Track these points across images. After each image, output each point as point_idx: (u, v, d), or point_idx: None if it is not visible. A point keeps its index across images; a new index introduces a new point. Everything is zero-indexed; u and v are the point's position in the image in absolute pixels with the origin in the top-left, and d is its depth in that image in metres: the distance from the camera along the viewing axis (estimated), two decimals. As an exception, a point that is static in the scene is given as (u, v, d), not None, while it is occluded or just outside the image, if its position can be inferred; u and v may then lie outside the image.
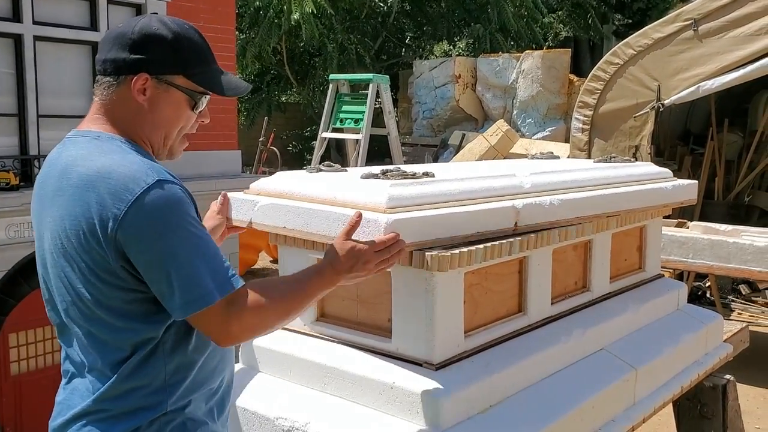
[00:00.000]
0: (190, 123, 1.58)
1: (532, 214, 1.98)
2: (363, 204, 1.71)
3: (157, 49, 1.48)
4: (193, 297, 1.34)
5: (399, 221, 1.63)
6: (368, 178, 1.87)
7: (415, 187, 1.81)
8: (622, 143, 7.21)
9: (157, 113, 1.50)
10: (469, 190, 1.93)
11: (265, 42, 13.62)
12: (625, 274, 2.67)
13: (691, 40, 6.55)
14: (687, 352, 2.64)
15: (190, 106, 1.53)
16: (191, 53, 1.51)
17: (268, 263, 10.09)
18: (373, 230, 1.62)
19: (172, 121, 1.53)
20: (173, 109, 1.52)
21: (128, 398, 1.41)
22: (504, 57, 12.40)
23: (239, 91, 1.60)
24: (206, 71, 1.54)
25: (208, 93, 1.56)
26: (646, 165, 2.81)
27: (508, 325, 2.02)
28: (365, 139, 6.27)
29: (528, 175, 2.16)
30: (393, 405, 1.77)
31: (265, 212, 1.90)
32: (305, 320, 2.07)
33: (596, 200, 2.26)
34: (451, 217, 1.78)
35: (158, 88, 1.49)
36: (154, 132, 1.53)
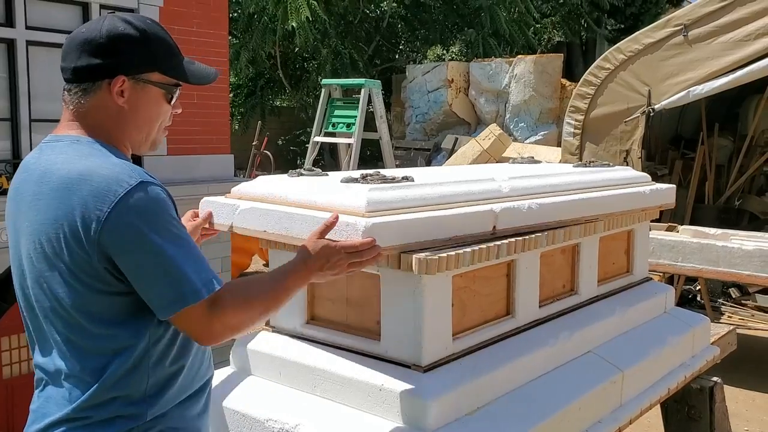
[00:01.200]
0: (168, 116, 1.59)
1: (510, 217, 2.02)
2: (343, 208, 1.73)
3: (129, 50, 1.47)
4: (177, 295, 1.35)
5: (378, 225, 1.66)
6: (348, 182, 1.89)
7: (394, 191, 1.85)
8: (613, 147, 7.26)
9: (138, 113, 1.51)
10: (448, 194, 1.97)
11: (260, 47, 13.66)
12: (612, 278, 2.69)
13: (682, 46, 6.61)
14: (674, 355, 2.67)
15: (166, 99, 1.55)
16: (161, 48, 1.52)
17: (261, 266, 10.10)
18: (352, 234, 1.65)
19: (153, 118, 1.54)
20: (153, 106, 1.53)
21: (109, 407, 1.40)
22: (497, 61, 12.46)
23: (209, 79, 1.62)
24: (176, 63, 1.56)
25: (181, 84, 1.57)
26: (624, 170, 2.85)
27: (496, 328, 2.05)
28: (357, 143, 6.30)
29: (507, 180, 2.20)
30: (381, 407, 1.79)
31: (245, 216, 1.92)
32: (295, 323, 2.08)
33: (575, 204, 2.29)
34: (430, 221, 1.81)
35: (136, 88, 1.49)
36: (138, 131, 1.53)
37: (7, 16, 4.82)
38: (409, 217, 1.76)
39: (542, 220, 2.13)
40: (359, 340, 1.94)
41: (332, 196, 1.80)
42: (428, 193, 1.91)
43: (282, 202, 1.89)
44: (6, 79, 4.86)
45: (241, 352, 2.12)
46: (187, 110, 5.57)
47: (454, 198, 1.95)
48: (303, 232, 1.75)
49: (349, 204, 1.74)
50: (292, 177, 2.08)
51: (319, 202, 1.80)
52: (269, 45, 13.83)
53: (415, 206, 1.84)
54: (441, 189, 1.96)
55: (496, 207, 1.99)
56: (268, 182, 2.03)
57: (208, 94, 5.76)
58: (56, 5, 5.07)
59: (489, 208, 1.97)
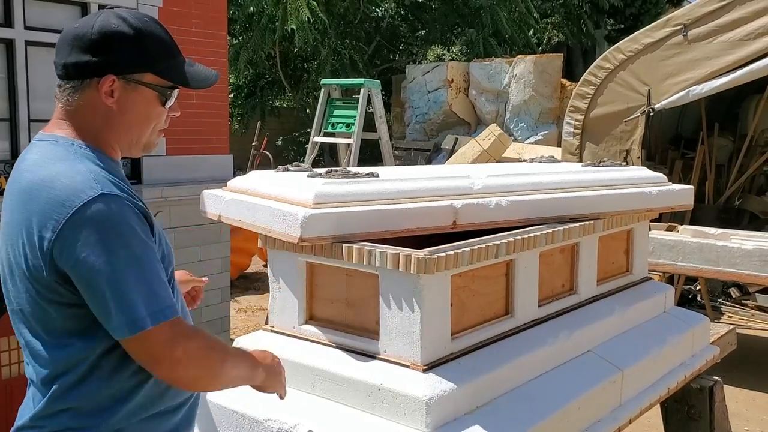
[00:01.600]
0: (162, 118, 1.51)
1: (473, 213, 2.08)
2: (294, 199, 1.90)
3: (121, 48, 1.40)
4: (122, 321, 1.26)
5: (315, 215, 1.81)
6: (313, 177, 2.05)
7: (348, 185, 1.96)
8: (613, 147, 7.25)
9: (127, 114, 1.44)
10: (407, 190, 2.04)
11: (259, 47, 13.65)
12: (612, 277, 2.69)
13: (681, 45, 6.60)
14: (673, 354, 2.66)
15: (160, 102, 1.47)
16: (156, 48, 1.45)
17: (261, 267, 10.09)
18: (292, 223, 1.82)
19: (144, 120, 1.47)
20: (144, 108, 1.46)
21: (59, 418, 1.35)
22: (497, 61, 12.46)
23: (209, 82, 1.54)
24: (173, 64, 1.48)
25: (177, 87, 1.50)
26: (637, 169, 2.84)
27: (495, 328, 2.04)
28: (356, 143, 6.30)
29: (484, 177, 2.21)
30: (381, 406, 1.78)
31: (228, 206, 2.12)
32: (294, 322, 2.08)
33: (556, 202, 2.31)
34: (377, 214, 1.90)
35: (126, 89, 1.42)
36: (127, 133, 1.46)
37: (5, 16, 4.83)
38: (351, 210, 1.88)
39: (514, 217, 2.18)
40: (358, 340, 1.94)
41: (291, 189, 1.96)
42: (385, 188, 2.01)
43: (254, 194, 2.08)
44: (5, 79, 4.86)
45: (240, 352, 2.11)
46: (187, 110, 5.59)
47: (412, 193, 2.04)
48: (264, 221, 1.95)
49: (300, 196, 1.90)
50: (278, 172, 2.22)
51: (279, 195, 1.97)
52: (269, 45, 13.83)
53: (367, 200, 1.94)
54: (400, 185, 2.06)
55: (458, 203, 2.06)
56: (253, 176, 2.22)
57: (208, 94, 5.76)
58: (55, 5, 5.07)
59: (449, 203, 2.05)
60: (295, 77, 16.14)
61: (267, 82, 16.51)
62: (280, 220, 1.91)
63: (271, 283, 2.15)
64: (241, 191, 2.16)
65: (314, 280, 2.07)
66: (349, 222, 1.88)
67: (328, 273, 2.02)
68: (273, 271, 2.13)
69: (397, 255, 1.75)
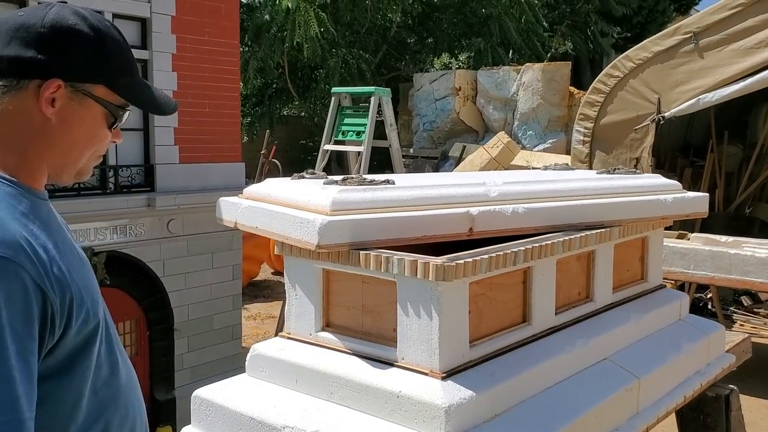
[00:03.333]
0: (106, 143, 1.27)
1: (489, 220, 2.07)
2: (311, 206, 1.90)
3: (77, 50, 1.18)
4: None
5: (333, 222, 1.80)
6: (329, 184, 2.04)
7: (364, 192, 1.95)
8: (623, 155, 7.25)
9: (67, 131, 1.19)
10: (423, 197, 2.04)
11: (268, 56, 13.73)
12: (627, 285, 2.68)
13: (691, 53, 6.60)
14: (689, 362, 2.65)
15: (107, 122, 1.24)
16: (117, 57, 1.23)
17: (270, 275, 10.11)
18: (309, 230, 1.82)
19: (87, 142, 1.23)
20: (89, 127, 1.22)
21: None
22: (504, 69, 12.49)
23: (169, 109, 1.31)
24: (132, 81, 1.26)
25: (129, 108, 1.28)
26: (652, 177, 2.83)
27: (513, 335, 2.04)
28: (367, 151, 6.31)
29: (500, 184, 2.22)
30: (399, 414, 1.78)
31: (244, 214, 2.13)
32: (310, 329, 2.08)
33: (572, 209, 2.31)
34: (394, 221, 1.90)
35: (72, 99, 1.18)
36: (64, 155, 1.22)
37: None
38: (368, 217, 1.88)
39: (530, 224, 2.18)
40: (375, 347, 1.93)
41: (307, 196, 1.96)
42: (401, 196, 2.01)
43: (271, 201, 2.08)
44: None
45: (257, 359, 2.12)
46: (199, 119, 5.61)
47: (428, 201, 2.04)
48: (281, 228, 1.95)
49: (318, 203, 1.89)
50: (294, 180, 2.23)
51: (296, 202, 1.97)
52: (278, 55, 13.91)
53: (384, 207, 1.94)
54: (416, 192, 2.05)
55: (474, 210, 2.05)
56: (270, 184, 2.23)
57: (220, 103, 5.80)
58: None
59: (465, 210, 2.04)
60: (303, 86, 16.23)
61: (275, 90, 16.60)
62: (297, 227, 1.92)
63: (287, 290, 2.15)
64: (257, 198, 2.17)
65: (331, 287, 2.07)
66: (366, 229, 1.88)
67: (345, 280, 2.02)
68: (289, 277, 2.14)
69: (415, 262, 1.75)
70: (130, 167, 5.54)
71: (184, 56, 5.53)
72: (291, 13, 12.63)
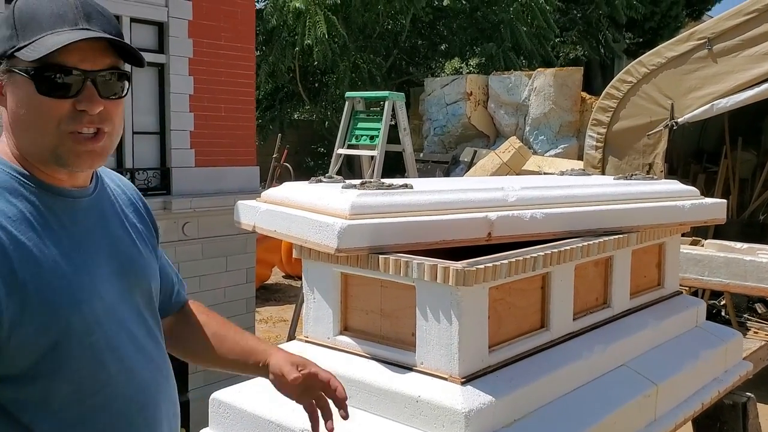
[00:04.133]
0: (58, 115, 1.16)
1: (508, 225, 2.07)
2: (330, 210, 1.90)
3: (2, 26, 1.17)
4: None
5: (352, 226, 1.80)
6: (348, 188, 2.05)
7: (383, 197, 1.95)
8: (635, 161, 7.23)
9: (14, 113, 1.18)
10: (441, 201, 2.03)
11: (279, 61, 13.78)
12: (644, 291, 2.68)
13: (705, 59, 6.58)
14: (707, 369, 2.64)
15: (39, 90, 1.15)
16: (25, 16, 1.17)
17: (281, 278, 10.13)
18: (328, 234, 1.83)
19: (33, 118, 1.17)
20: (24, 101, 1.16)
21: None
22: (516, 75, 12.48)
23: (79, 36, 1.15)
24: (40, 37, 1.15)
25: (58, 65, 1.15)
26: (669, 183, 2.82)
27: (532, 341, 2.04)
28: (380, 155, 6.32)
29: (518, 189, 2.21)
30: (418, 418, 1.78)
31: (263, 217, 2.14)
32: (328, 333, 2.09)
33: (590, 215, 2.30)
34: (413, 225, 1.90)
35: (9, 82, 1.17)
36: (26, 140, 1.19)
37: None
38: (386, 221, 1.88)
39: (548, 230, 2.18)
40: (394, 351, 1.94)
41: (326, 200, 1.96)
42: (419, 200, 2.01)
43: (290, 204, 2.09)
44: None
45: (275, 362, 2.12)
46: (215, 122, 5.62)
47: (447, 205, 2.04)
48: (299, 232, 1.96)
49: (337, 207, 1.90)
50: (312, 184, 2.24)
51: (315, 206, 1.98)
52: (288, 59, 13.95)
53: (402, 211, 1.94)
54: (434, 196, 2.05)
55: (493, 215, 2.05)
56: (288, 188, 2.24)
57: (235, 107, 5.83)
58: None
59: (484, 215, 2.04)
60: (313, 90, 16.27)
61: (286, 94, 16.65)
62: (316, 231, 1.92)
63: (305, 294, 2.16)
64: (275, 202, 2.18)
65: (349, 291, 2.07)
66: (385, 233, 1.89)
67: (363, 284, 2.02)
68: (308, 281, 2.14)
69: (434, 267, 1.75)
70: (146, 170, 5.57)
71: (201, 60, 5.56)
72: (301, 15, 12.68)
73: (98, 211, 1.31)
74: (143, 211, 1.47)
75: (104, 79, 1.19)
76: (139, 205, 1.47)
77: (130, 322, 1.31)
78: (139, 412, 1.31)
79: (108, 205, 1.35)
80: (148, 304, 1.39)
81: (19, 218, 1.17)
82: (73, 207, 1.25)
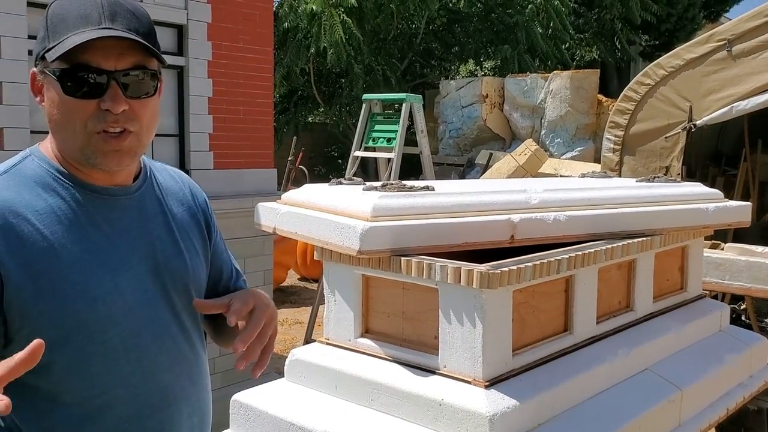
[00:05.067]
0: (82, 114, 1.20)
1: (531, 228, 2.06)
2: (352, 212, 1.89)
3: (40, 28, 1.22)
4: None
5: (375, 228, 1.80)
6: (368, 190, 2.04)
7: (405, 198, 1.94)
8: (653, 164, 7.17)
9: (48, 112, 1.23)
10: (463, 203, 2.02)
11: (294, 63, 13.82)
12: (667, 294, 2.65)
13: (725, 61, 6.52)
14: (731, 374, 2.60)
15: (65, 90, 1.19)
16: (56, 18, 1.20)
17: (296, 281, 10.14)
18: (350, 236, 1.82)
19: (60, 117, 1.21)
20: (53, 100, 1.21)
21: None
22: (532, 77, 12.43)
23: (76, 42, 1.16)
24: (65, 37, 1.18)
25: (79, 65, 1.17)
26: (692, 185, 2.79)
27: (555, 344, 2.02)
28: (398, 157, 6.32)
29: (541, 192, 2.19)
30: (441, 422, 1.77)
31: (283, 219, 2.13)
32: (349, 335, 2.08)
33: (613, 218, 2.28)
34: (435, 227, 1.89)
35: (45, 82, 1.22)
36: (58, 138, 1.24)
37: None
38: (409, 223, 1.88)
39: (572, 232, 2.16)
40: (416, 354, 1.92)
41: (348, 202, 1.96)
42: (441, 202, 2.00)
43: (311, 206, 2.08)
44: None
45: (296, 364, 2.12)
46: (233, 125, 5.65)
47: (469, 207, 2.03)
48: (320, 234, 1.96)
49: (358, 209, 1.89)
50: (332, 185, 2.23)
51: (336, 208, 1.97)
52: (303, 61, 13.99)
53: (424, 213, 1.93)
54: (456, 198, 2.04)
55: (515, 217, 2.03)
56: (309, 189, 2.24)
57: (254, 109, 5.84)
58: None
59: (507, 217, 2.03)
60: (328, 93, 16.30)
61: (300, 97, 16.69)
62: (337, 233, 1.92)
63: (326, 296, 2.15)
64: (296, 204, 2.17)
65: (370, 294, 2.06)
66: (407, 235, 1.88)
67: (385, 286, 2.01)
68: (328, 283, 2.13)
69: (458, 269, 1.74)
70: (165, 172, 5.54)
71: (220, 63, 5.58)
72: (316, 18, 12.70)
73: (139, 209, 1.32)
74: (199, 208, 1.48)
75: (130, 78, 1.19)
76: (194, 202, 1.47)
77: (161, 322, 1.30)
78: (154, 414, 1.31)
79: (152, 203, 1.36)
80: (187, 305, 1.38)
81: (46, 212, 1.19)
82: (110, 205, 1.27)
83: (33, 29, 4.63)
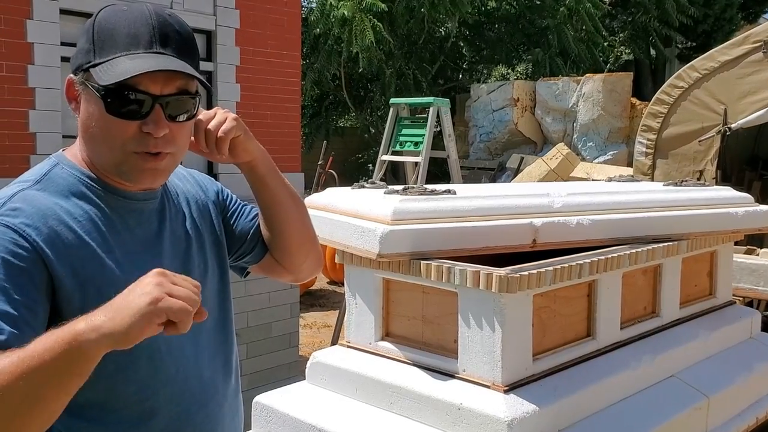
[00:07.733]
0: (123, 135, 1.18)
1: (553, 232, 2.04)
2: (373, 216, 1.90)
3: (79, 43, 1.20)
4: None
5: (395, 232, 1.81)
6: (390, 194, 2.05)
7: (425, 202, 1.95)
8: (686, 167, 7.04)
9: (83, 124, 1.22)
10: (484, 207, 2.02)
11: (325, 68, 13.89)
12: (695, 300, 2.60)
13: (761, 63, 6.38)
14: (761, 382, 2.55)
15: (107, 109, 1.16)
16: (100, 37, 1.17)
17: (325, 284, 10.18)
18: (371, 239, 1.83)
19: (98, 134, 1.19)
20: (91, 116, 1.18)
21: None
22: (564, 80, 12.31)
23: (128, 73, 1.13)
24: (114, 58, 1.15)
25: (124, 84, 1.15)
26: (721, 189, 2.74)
27: (577, 350, 2.00)
28: (425, 161, 6.31)
29: (564, 196, 2.17)
30: (460, 426, 1.76)
31: None
32: (370, 339, 2.08)
33: (638, 222, 2.25)
34: (456, 231, 1.89)
35: (83, 92, 1.20)
36: (93, 151, 1.23)
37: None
38: (429, 227, 1.88)
39: (595, 236, 2.14)
40: (435, 358, 1.92)
41: (369, 205, 1.97)
42: (462, 206, 2.00)
43: (333, 210, 2.10)
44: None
45: (317, 367, 2.13)
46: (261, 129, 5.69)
47: (490, 211, 2.02)
48: (342, 237, 1.98)
49: (380, 213, 1.90)
50: (354, 189, 2.25)
51: (358, 211, 1.99)
52: (334, 66, 14.05)
53: (445, 217, 1.93)
54: (477, 202, 2.03)
55: (538, 221, 2.02)
56: (331, 193, 2.27)
57: (281, 114, 5.88)
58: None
59: (529, 222, 2.02)
60: (359, 97, 16.34)
61: (331, 102, 16.76)
62: (358, 236, 1.93)
63: (347, 299, 2.16)
64: (318, 207, 2.19)
65: (391, 297, 2.07)
66: (427, 239, 1.88)
67: (405, 290, 2.01)
68: (350, 286, 2.14)
69: (477, 273, 1.74)
70: (193, 176, 5.62)
71: (248, 68, 5.63)
72: (348, 23, 12.75)
73: (161, 211, 1.35)
74: (208, 196, 1.49)
75: (173, 102, 1.20)
76: (203, 193, 1.49)
77: None
78: (201, 409, 1.34)
79: (171, 203, 1.39)
80: (214, 298, 1.41)
81: (85, 219, 1.21)
82: (139, 209, 1.30)
83: (66, 36, 4.71)
